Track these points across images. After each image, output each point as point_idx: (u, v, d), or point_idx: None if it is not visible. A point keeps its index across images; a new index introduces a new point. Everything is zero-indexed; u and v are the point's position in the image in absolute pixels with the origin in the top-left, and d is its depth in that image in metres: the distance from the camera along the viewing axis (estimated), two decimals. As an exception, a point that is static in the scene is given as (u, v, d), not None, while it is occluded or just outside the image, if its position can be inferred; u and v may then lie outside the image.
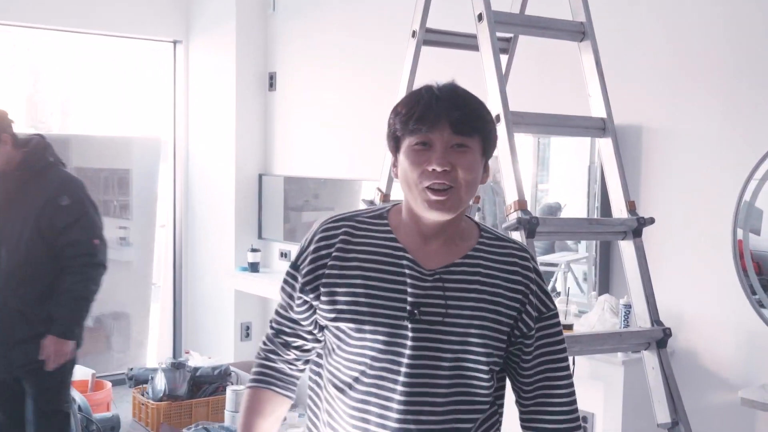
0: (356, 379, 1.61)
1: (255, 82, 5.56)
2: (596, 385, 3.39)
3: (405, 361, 1.57)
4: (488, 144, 1.63)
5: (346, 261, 1.63)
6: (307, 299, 1.66)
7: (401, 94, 3.12)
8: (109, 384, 4.78)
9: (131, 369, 5.44)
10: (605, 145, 2.69)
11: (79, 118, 6.48)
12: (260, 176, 5.59)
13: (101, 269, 3.44)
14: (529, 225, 2.40)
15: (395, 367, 1.57)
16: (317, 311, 1.65)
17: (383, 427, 1.58)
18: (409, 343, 1.56)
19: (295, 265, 1.69)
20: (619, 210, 2.61)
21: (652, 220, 2.57)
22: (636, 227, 2.56)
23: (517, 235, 2.41)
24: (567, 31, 2.80)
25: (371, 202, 3.19)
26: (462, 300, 1.59)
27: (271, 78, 5.57)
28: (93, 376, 4.71)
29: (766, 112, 3.11)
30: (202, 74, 5.84)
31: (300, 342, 1.73)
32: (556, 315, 1.71)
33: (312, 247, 1.66)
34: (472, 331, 1.58)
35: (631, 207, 2.59)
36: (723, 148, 3.22)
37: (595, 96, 2.72)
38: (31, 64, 6.62)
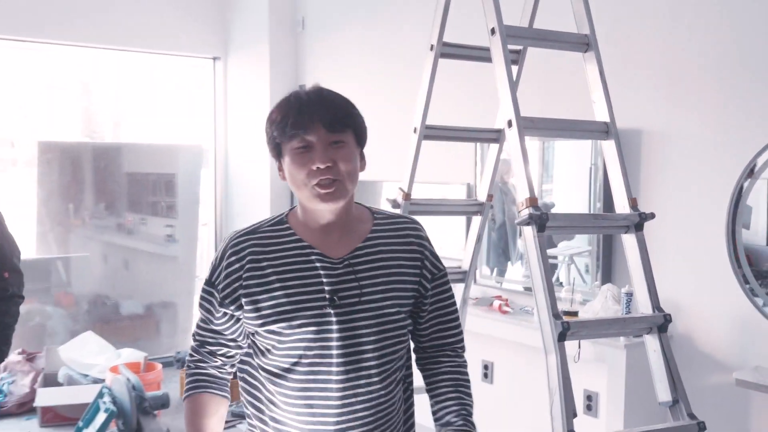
0: (292, 370, 1.60)
1: (287, 94, 5.54)
2: (601, 367, 3.36)
3: (335, 343, 1.58)
4: (360, 135, 1.65)
5: (260, 270, 1.60)
6: (228, 311, 1.64)
7: (421, 102, 3.10)
8: (160, 365, 4.79)
9: (178, 352, 5.45)
10: (608, 147, 2.65)
11: (129, 129, 6.51)
12: (292, 179, 5.56)
13: (14, 300, 2.98)
14: (540, 220, 2.36)
15: (327, 351, 1.58)
16: (243, 320, 1.64)
17: (327, 407, 1.59)
18: (335, 327, 1.58)
19: (210, 282, 1.66)
20: (622, 206, 2.57)
21: (652, 215, 2.52)
22: (638, 222, 2.52)
23: (528, 230, 2.38)
24: (572, 43, 2.75)
25: (394, 201, 3.16)
26: (372, 278, 1.62)
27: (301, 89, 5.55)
28: (145, 359, 4.73)
29: (755, 117, 3.08)
30: (239, 87, 5.84)
31: (224, 350, 1.71)
32: (446, 275, 1.77)
33: (224, 263, 1.63)
34: (387, 302, 1.62)
35: (633, 203, 2.55)
36: (716, 150, 3.19)
37: (599, 102, 2.68)
38: (85, 80, 6.65)
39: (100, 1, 5.27)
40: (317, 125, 1.55)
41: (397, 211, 3.15)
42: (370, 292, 1.61)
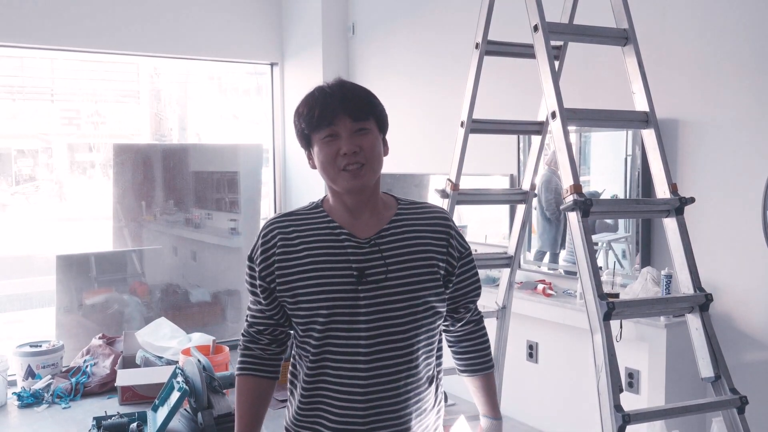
0: (322, 347, 1.59)
1: (311, 89, 5.56)
2: (642, 346, 3.29)
3: (362, 318, 1.57)
4: (382, 123, 1.65)
5: (292, 246, 1.62)
6: (265, 285, 1.64)
7: (467, 98, 3.07)
8: (227, 348, 4.84)
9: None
10: (648, 135, 2.59)
11: (195, 130, 6.60)
12: (345, 174, 5.56)
13: None
14: (584, 206, 2.32)
15: (355, 326, 1.57)
16: (278, 296, 1.63)
17: (354, 386, 1.58)
18: (362, 302, 1.57)
19: (250, 258, 1.68)
20: (662, 192, 2.51)
21: (693, 200, 2.46)
22: (678, 206, 2.46)
23: (573, 215, 2.34)
24: (612, 37, 2.70)
25: (443, 191, 3.14)
26: (397, 257, 1.61)
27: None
28: (213, 342, 4.78)
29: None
30: (295, 90, 5.86)
31: (270, 329, 1.71)
32: (471, 254, 1.78)
33: (261, 241, 1.66)
34: (413, 279, 1.61)
35: (674, 189, 2.49)
36: (751, 138, 3.09)
37: (639, 93, 2.63)
38: (154, 86, 6.76)
39: (168, 15, 5.34)
40: (342, 115, 1.57)
41: (446, 200, 3.13)
42: (395, 269, 1.60)
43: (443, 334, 1.83)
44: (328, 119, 1.57)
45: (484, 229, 4.48)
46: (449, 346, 1.87)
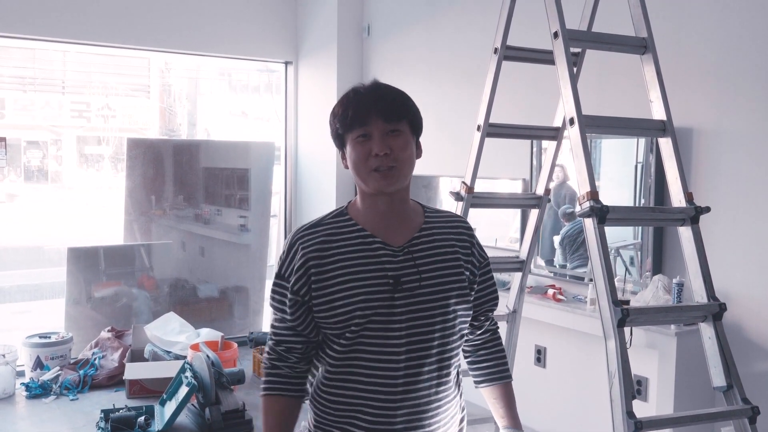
0: (360, 357, 1.60)
1: (347, 90, 5.58)
2: (651, 353, 3.31)
3: (397, 326, 1.58)
4: (415, 125, 1.66)
5: (327, 259, 1.61)
6: (299, 299, 1.63)
7: (484, 102, 3.09)
8: (235, 344, 4.86)
9: (251, 332, 5.50)
10: (665, 143, 2.61)
11: (204, 126, 6.62)
12: (356, 174, 5.58)
13: None
14: (600, 212, 2.34)
15: (394, 334, 1.59)
16: (314, 311, 1.62)
17: (389, 393, 1.59)
18: (397, 310, 1.59)
19: (280, 275, 1.66)
20: (678, 200, 2.53)
21: (708, 209, 2.48)
22: (694, 215, 2.47)
23: (589, 222, 2.36)
24: (630, 45, 2.72)
25: (457, 194, 3.16)
26: (430, 264, 1.64)
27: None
28: (222, 338, 4.79)
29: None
30: (309, 89, 5.88)
31: (299, 346, 1.68)
32: (489, 263, 1.81)
33: (291, 255, 1.64)
34: (445, 287, 1.64)
35: (690, 197, 2.51)
36: (766, 146, 3.10)
37: (656, 101, 2.64)
38: (165, 81, 6.79)
39: (184, 11, 5.36)
40: (375, 116, 1.58)
41: (460, 203, 3.15)
42: (428, 277, 1.62)
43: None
44: (360, 119, 1.59)
45: (492, 232, 4.50)
46: (465, 357, 1.88)
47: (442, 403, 1.65)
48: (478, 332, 1.85)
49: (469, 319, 1.72)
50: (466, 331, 1.73)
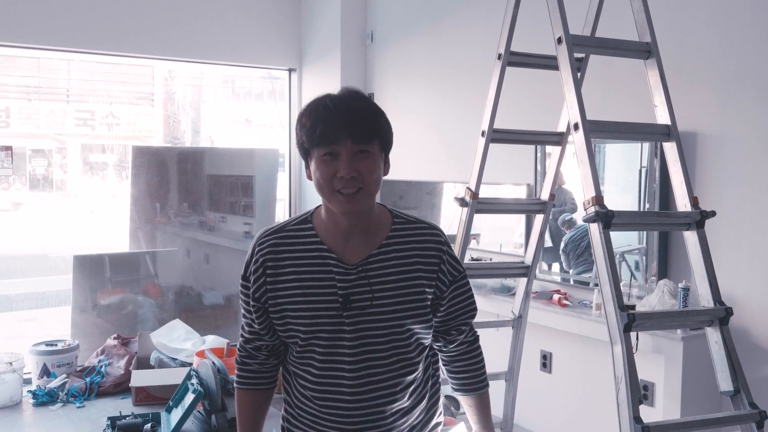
0: (309, 371, 1.60)
1: (316, 98, 5.58)
2: (657, 358, 3.30)
3: (347, 344, 1.56)
4: (385, 143, 1.58)
5: (281, 269, 1.59)
6: (259, 305, 1.62)
7: (489, 107, 3.09)
8: (240, 352, 4.86)
9: (255, 340, 5.51)
10: (670, 148, 2.61)
11: (207, 133, 6.64)
12: (359, 180, 5.58)
13: None
14: (606, 217, 2.34)
15: (340, 350, 1.57)
16: (270, 316, 1.62)
17: (340, 409, 1.59)
18: (347, 329, 1.56)
19: (244, 277, 1.65)
20: (683, 205, 2.52)
21: (713, 213, 2.47)
22: (699, 219, 2.47)
23: (594, 227, 2.36)
24: (634, 50, 2.72)
25: (462, 200, 3.16)
26: (385, 284, 1.57)
27: (370, 98, 5.58)
28: (228, 345, 4.79)
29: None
30: (313, 96, 5.83)
31: (265, 344, 1.69)
32: (465, 276, 1.71)
33: (253, 259, 1.62)
34: (398, 307, 1.58)
35: (695, 202, 2.50)
36: (772, 151, 3.10)
37: (661, 106, 2.64)
38: (168, 89, 6.81)
39: (188, 19, 5.37)
40: (343, 136, 1.50)
41: (465, 209, 3.15)
42: (381, 297, 1.57)
43: (439, 353, 1.81)
44: (328, 138, 1.50)
45: (497, 237, 4.50)
46: (443, 365, 1.84)
47: (399, 414, 1.63)
48: (452, 345, 1.77)
49: (429, 334, 1.66)
50: (426, 343, 1.68)
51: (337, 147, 1.50)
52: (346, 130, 1.50)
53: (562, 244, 4.02)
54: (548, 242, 3.96)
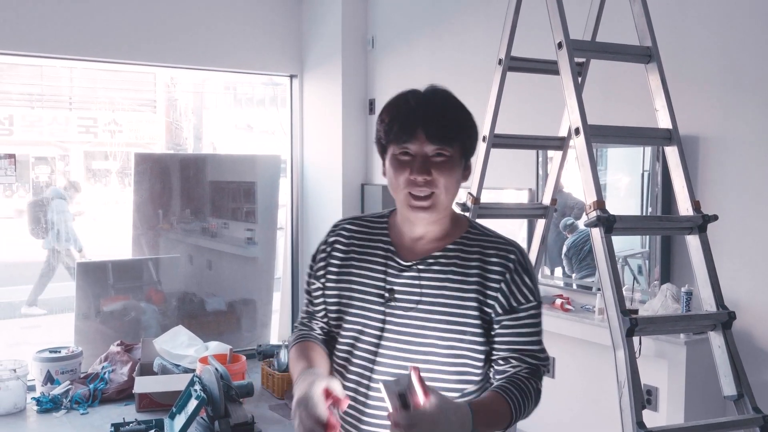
0: (347, 358, 1.56)
1: (357, 108, 5.59)
2: (660, 363, 3.29)
3: (384, 343, 1.50)
4: (468, 147, 1.50)
5: (346, 253, 1.59)
6: (319, 285, 1.62)
7: (489, 113, 3.09)
8: (244, 357, 4.86)
9: (260, 345, 5.51)
10: (672, 152, 2.60)
11: (209, 140, 6.65)
12: (362, 186, 5.59)
13: None
14: (607, 222, 2.34)
15: (377, 349, 1.50)
16: (326, 297, 1.61)
17: (360, 404, 1.52)
18: (387, 327, 1.50)
19: (313, 256, 1.66)
20: (685, 209, 2.51)
21: (716, 217, 2.47)
22: (701, 223, 2.46)
23: (596, 231, 2.35)
24: (635, 54, 2.71)
25: (463, 205, 3.15)
26: (436, 289, 1.48)
27: (371, 103, 5.60)
28: (231, 351, 4.80)
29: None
30: (314, 102, 5.90)
31: (321, 325, 1.66)
32: (534, 308, 1.50)
33: (325, 239, 1.64)
34: (445, 318, 1.46)
35: (697, 206, 2.49)
36: (773, 155, 3.09)
37: (662, 110, 2.63)
38: (170, 96, 6.82)
39: (189, 26, 5.39)
40: (420, 136, 1.43)
41: (467, 214, 3.14)
42: (429, 302, 1.47)
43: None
44: (404, 136, 1.44)
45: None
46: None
47: None
48: (498, 376, 1.51)
49: (470, 353, 1.48)
50: (469, 368, 1.49)
51: (412, 146, 1.44)
52: (423, 130, 1.43)
53: (564, 249, 4.02)
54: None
